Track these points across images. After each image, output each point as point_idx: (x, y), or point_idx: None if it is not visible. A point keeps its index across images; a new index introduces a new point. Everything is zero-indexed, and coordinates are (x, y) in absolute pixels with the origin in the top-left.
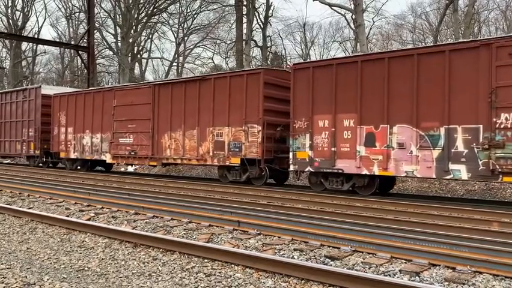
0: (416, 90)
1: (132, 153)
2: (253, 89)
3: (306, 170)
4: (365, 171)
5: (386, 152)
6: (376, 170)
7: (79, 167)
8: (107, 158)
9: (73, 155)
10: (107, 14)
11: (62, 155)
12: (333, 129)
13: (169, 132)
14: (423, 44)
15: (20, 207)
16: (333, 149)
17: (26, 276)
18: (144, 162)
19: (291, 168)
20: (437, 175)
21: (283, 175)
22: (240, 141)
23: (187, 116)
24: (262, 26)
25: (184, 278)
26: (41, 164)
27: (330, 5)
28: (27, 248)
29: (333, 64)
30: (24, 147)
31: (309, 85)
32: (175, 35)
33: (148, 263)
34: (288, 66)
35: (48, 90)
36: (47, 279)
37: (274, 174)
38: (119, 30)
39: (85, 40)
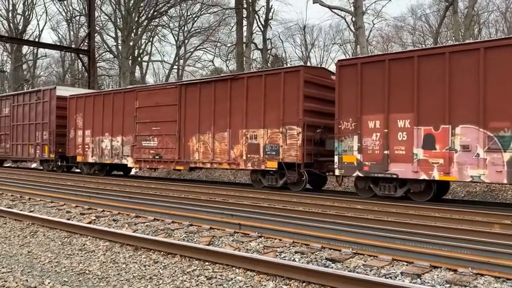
0: (483, 86)
1: (156, 157)
2: (291, 88)
3: (354, 174)
4: (423, 176)
5: (447, 155)
6: (436, 175)
7: (96, 172)
8: (129, 162)
9: (91, 159)
10: (107, 18)
11: (79, 159)
12: (386, 130)
13: (197, 135)
14: (423, 45)
15: (21, 210)
16: (385, 152)
17: (27, 280)
18: (170, 167)
19: (337, 172)
20: (509, 180)
21: (321, 180)
22: (277, 144)
23: (217, 118)
24: (262, 29)
25: (185, 281)
26: (55, 169)
27: (330, 8)
28: (28, 252)
29: (385, 60)
30: (37, 151)
31: (357, 83)
32: (176, 38)
33: (149, 266)
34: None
35: (63, 91)
36: (48, 283)
37: (312, 179)
38: (119, 34)
39: (85, 43)
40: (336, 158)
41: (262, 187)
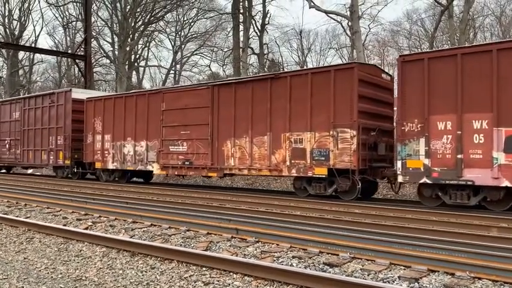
0: None
1: (186, 163)
2: (343, 86)
3: (421, 181)
4: (505, 183)
5: None
6: None
7: (116, 179)
8: (155, 169)
9: (111, 165)
10: (104, 23)
11: (98, 165)
12: (459, 132)
13: (232, 139)
14: (418, 50)
15: (17, 216)
16: (459, 156)
17: (23, 287)
18: (201, 173)
19: (400, 179)
20: None
21: (371, 187)
22: (327, 148)
23: (255, 120)
24: (259, 34)
25: (182, 286)
26: (69, 175)
27: (327, 12)
28: (24, 258)
29: (456, 54)
30: (51, 157)
31: (423, 80)
32: (172, 43)
33: (146, 271)
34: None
35: (79, 94)
36: None
37: (363, 186)
38: (116, 39)
39: (82, 49)
40: (398, 163)
41: (307, 195)
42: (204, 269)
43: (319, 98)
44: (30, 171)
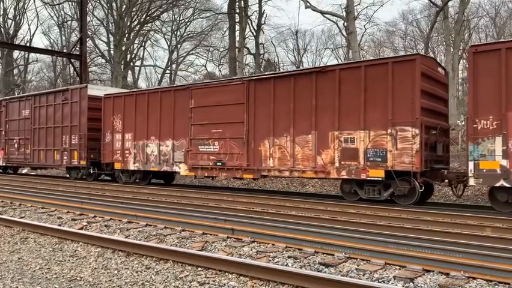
0: None
1: (218, 163)
2: (403, 80)
3: (498, 184)
4: None
5: None
6: None
7: (137, 180)
8: (182, 170)
9: (132, 166)
10: (99, 22)
11: (118, 166)
12: None
13: (270, 138)
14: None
15: (11, 216)
16: None
17: (17, 287)
18: (235, 175)
19: (471, 182)
20: None
21: (427, 191)
22: (384, 148)
23: (297, 118)
24: (255, 34)
25: (177, 286)
26: (84, 176)
27: (322, 13)
28: (19, 258)
29: None
30: (64, 157)
31: (500, 72)
32: (168, 42)
33: (141, 272)
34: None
35: (94, 90)
36: None
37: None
38: (111, 38)
39: (77, 48)
40: (470, 165)
41: (357, 200)
42: (199, 269)
43: (374, 93)
44: (25, 170)
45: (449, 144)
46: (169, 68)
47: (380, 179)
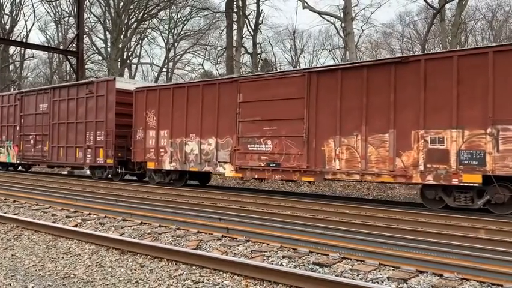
0: None
1: (272, 164)
2: (506, 72)
3: None
4: None
5: None
6: None
7: (172, 181)
8: (227, 171)
9: (168, 166)
10: (97, 19)
11: (151, 165)
12: None
13: (336, 137)
14: (412, 52)
15: (5, 213)
16: None
17: (10, 284)
18: (292, 177)
19: None
20: None
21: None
22: (482, 150)
23: (371, 115)
24: (252, 33)
25: (171, 285)
26: (110, 176)
27: (320, 13)
28: (12, 255)
29: None
30: (88, 155)
31: None
32: (165, 40)
33: (135, 270)
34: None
35: (122, 83)
36: (32, 287)
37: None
38: (108, 36)
39: (74, 45)
40: None
41: (442, 207)
42: (194, 267)
43: (469, 87)
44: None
45: None
46: (165, 66)
47: (476, 185)
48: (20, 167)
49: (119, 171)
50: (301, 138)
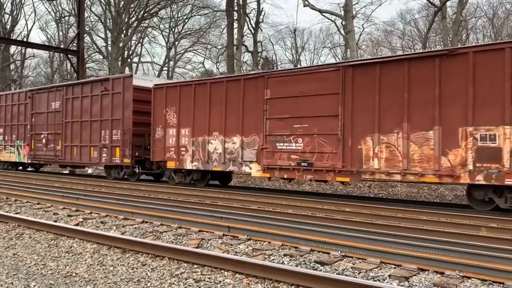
0: None
1: (303, 164)
2: None
3: None
4: None
5: None
6: None
7: (192, 181)
8: (253, 170)
9: (189, 165)
10: (97, 18)
11: (171, 164)
12: None
13: (375, 135)
14: (413, 50)
15: (7, 212)
16: None
17: (12, 283)
18: (325, 177)
19: None
20: None
21: None
22: None
23: (413, 111)
24: (253, 31)
25: (173, 283)
26: (126, 176)
27: (321, 11)
28: (14, 254)
29: None
30: (103, 155)
31: None
32: (166, 39)
33: (137, 268)
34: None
35: (139, 80)
36: (34, 286)
37: None
38: (109, 34)
39: (74, 44)
40: None
41: (491, 209)
42: (195, 266)
43: None
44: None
45: None
46: (166, 65)
47: None
48: (29, 167)
49: (137, 171)
50: (335, 136)
